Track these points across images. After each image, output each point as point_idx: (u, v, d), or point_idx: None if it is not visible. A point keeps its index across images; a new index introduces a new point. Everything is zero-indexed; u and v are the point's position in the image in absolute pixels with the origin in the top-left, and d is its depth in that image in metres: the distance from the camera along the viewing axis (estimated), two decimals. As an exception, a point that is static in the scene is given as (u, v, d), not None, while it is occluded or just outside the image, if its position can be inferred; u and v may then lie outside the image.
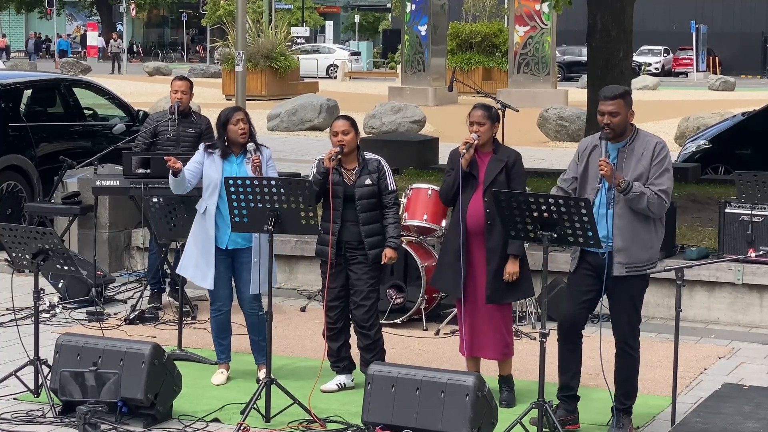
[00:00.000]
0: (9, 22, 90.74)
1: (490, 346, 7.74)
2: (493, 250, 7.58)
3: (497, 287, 7.62)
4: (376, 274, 8.01)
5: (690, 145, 17.25)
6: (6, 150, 12.95)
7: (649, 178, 6.93)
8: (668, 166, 6.99)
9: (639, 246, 6.96)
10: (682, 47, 65.16)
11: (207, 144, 8.23)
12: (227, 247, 8.06)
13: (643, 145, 7.00)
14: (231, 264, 8.13)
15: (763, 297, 9.96)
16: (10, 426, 7.20)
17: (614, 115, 6.94)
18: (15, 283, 8.72)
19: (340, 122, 7.96)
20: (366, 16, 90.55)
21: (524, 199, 6.73)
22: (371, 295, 7.97)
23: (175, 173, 7.95)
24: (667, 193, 6.94)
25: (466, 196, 7.62)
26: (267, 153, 8.18)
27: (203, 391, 7.96)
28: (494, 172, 7.63)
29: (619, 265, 6.94)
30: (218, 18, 68.37)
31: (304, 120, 27.84)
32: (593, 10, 13.99)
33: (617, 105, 6.95)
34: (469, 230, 7.64)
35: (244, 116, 8.11)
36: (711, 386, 7.83)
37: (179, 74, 12.61)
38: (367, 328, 7.97)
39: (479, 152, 7.68)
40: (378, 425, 6.88)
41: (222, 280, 8.12)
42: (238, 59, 15.08)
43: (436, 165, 16.88)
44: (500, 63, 41.39)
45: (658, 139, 7.11)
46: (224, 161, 8.08)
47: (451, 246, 7.72)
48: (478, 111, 7.68)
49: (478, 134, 7.62)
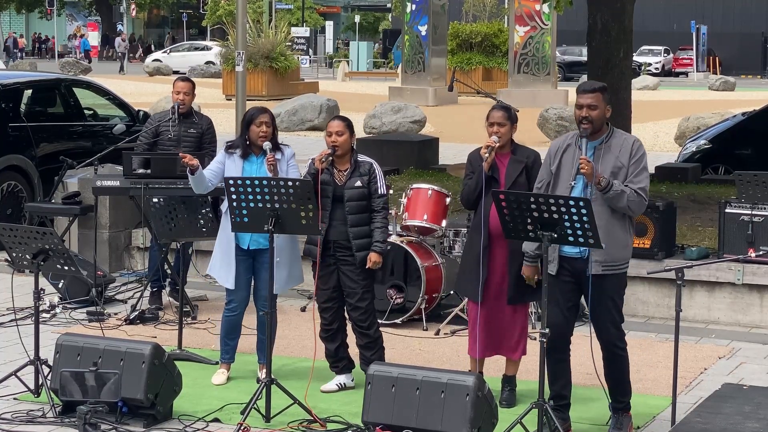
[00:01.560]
0: (9, 22, 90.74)
1: (512, 344, 7.78)
2: (516, 251, 7.51)
3: (519, 289, 7.62)
4: (369, 274, 7.98)
5: (690, 145, 17.25)
6: (6, 150, 12.95)
7: (627, 176, 6.91)
8: (645, 165, 6.98)
9: (615, 244, 6.91)
10: (682, 47, 65.15)
11: (228, 144, 8.25)
12: (249, 247, 8.07)
13: (620, 143, 6.98)
14: (252, 265, 8.14)
15: (763, 297, 9.96)
16: (10, 426, 7.20)
17: (593, 108, 6.91)
18: (15, 283, 8.72)
19: (334, 123, 7.95)
20: (366, 16, 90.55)
21: (524, 199, 6.73)
22: (366, 296, 7.95)
23: (192, 171, 7.94)
24: (645, 191, 6.93)
25: (489, 198, 7.53)
26: (289, 152, 8.20)
27: (203, 391, 7.97)
28: (515, 173, 7.61)
29: (596, 263, 6.89)
30: (218, 18, 68.43)
31: (304, 120, 27.85)
32: (593, 10, 13.99)
33: (596, 98, 6.93)
34: (492, 232, 7.61)
35: (269, 119, 8.10)
36: (711, 386, 7.83)
37: (181, 75, 12.58)
38: (366, 328, 7.98)
39: (499, 154, 7.64)
40: (378, 425, 6.88)
41: (241, 282, 8.12)
42: (239, 59, 15.08)
43: (436, 165, 16.89)
44: (500, 63, 41.39)
45: (635, 137, 7.10)
46: (245, 161, 8.09)
47: (473, 249, 7.71)
48: (498, 112, 7.65)
49: (499, 135, 7.59)
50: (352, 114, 29.21)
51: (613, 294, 7.01)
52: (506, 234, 6.98)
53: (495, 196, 6.87)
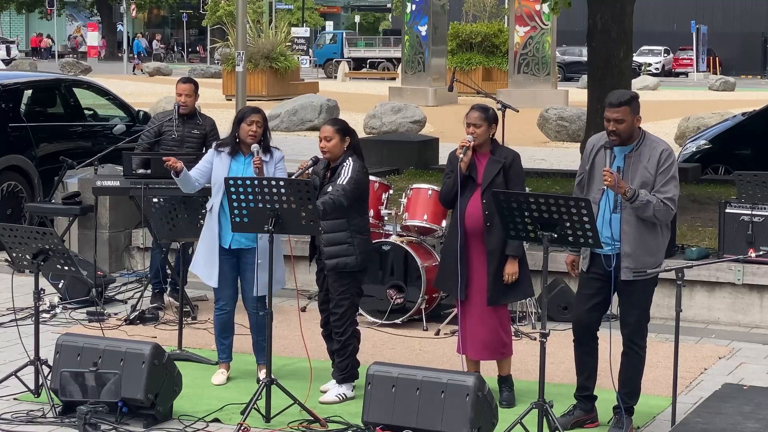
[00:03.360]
0: (9, 23, 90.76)
1: (485, 347, 7.73)
2: (493, 252, 7.57)
3: (498, 289, 7.61)
4: (346, 281, 7.82)
5: (690, 145, 17.25)
6: (6, 150, 12.95)
7: (655, 185, 6.93)
8: (674, 174, 6.99)
9: (645, 251, 7.00)
10: (682, 47, 65.18)
11: (217, 143, 8.24)
12: (231, 246, 8.06)
13: (650, 152, 6.99)
14: (236, 264, 8.13)
15: (763, 297, 9.96)
16: (10, 426, 7.20)
17: (620, 122, 6.94)
18: (15, 283, 8.72)
19: (325, 127, 7.90)
20: (366, 16, 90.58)
21: (524, 199, 6.73)
22: (342, 303, 7.83)
23: (177, 173, 7.94)
24: (673, 201, 6.95)
25: (465, 198, 7.61)
26: (278, 155, 8.17)
27: (203, 391, 7.96)
28: (492, 173, 7.61)
29: (626, 269, 6.98)
30: (218, 18, 68.42)
31: (304, 120, 27.87)
32: (593, 10, 13.98)
33: (623, 112, 6.94)
34: (467, 232, 7.63)
35: (261, 119, 8.08)
36: (711, 386, 7.84)
37: (183, 76, 12.58)
38: (339, 334, 7.87)
39: (477, 153, 7.66)
40: (378, 425, 6.88)
41: (226, 280, 8.12)
42: (239, 59, 15.08)
43: (436, 165, 16.88)
44: (500, 63, 41.39)
45: (665, 145, 7.08)
46: (232, 160, 8.08)
47: (450, 248, 7.72)
48: (475, 113, 7.65)
49: (474, 136, 7.60)
50: (352, 114, 29.34)
51: (642, 296, 7.14)
52: (506, 234, 6.99)
53: (495, 197, 6.87)
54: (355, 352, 7.94)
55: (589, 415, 7.34)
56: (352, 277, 7.84)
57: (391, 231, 10.12)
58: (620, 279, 6.99)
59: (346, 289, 7.83)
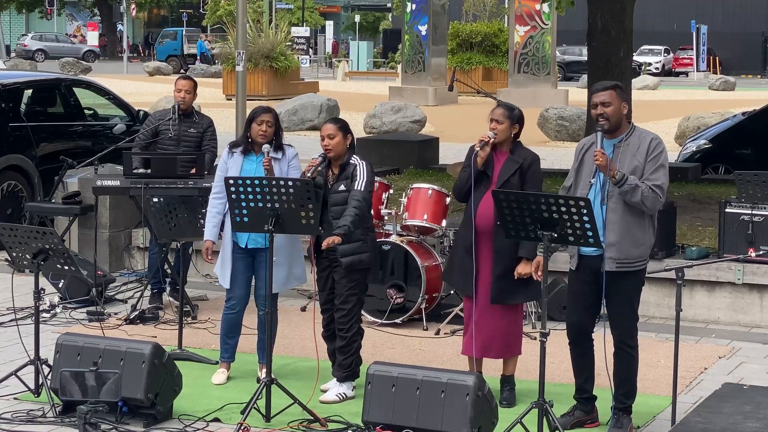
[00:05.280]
0: (9, 22, 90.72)
1: (488, 345, 7.72)
2: (500, 251, 7.54)
3: (502, 288, 7.60)
4: (356, 278, 7.85)
5: (690, 144, 17.25)
6: (6, 150, 12.95)
7: (644, 173, 6.93)
8: (664, 162, 6.98)
9: (630, 242, 6.95)
10: (683, 47, 65.16)
11: (231, 143, 8.29)
12: (247, 245, 8.07)
13: (639, 141, 7.01)
14: (251, 264, 8.13)
15: (763, 297, 9.96)
16: (10, 426, 7.20)
17: (607, 105, 6.96)
18: (15, 283, 8.72)
19: (327, 126, 7.92)
20: (366, 16, 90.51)
21: (524, 199, 6.73)
22: (350, 299, 7.85)
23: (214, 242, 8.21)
24: (662, 189, 6.93)
25: (478, 194, 7.57)
26: (291, 153, 8.18)
27: (203, 391, 7.96)
28: (508, 172, 7.59)
29: (610, 260, 6.92)
30: (218, 18, 68.44)
31: (305, 120, 27.87)
32: (593, 10, 13.99)
33: (609, 95, 6.97)
34: (478, 228, 7.60)
35: (271, 119, 8.09)
36: (711, 386, 7.83)
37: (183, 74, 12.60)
38: (345, 330, 7.88)
39: (497, 151, 7.64)
40: (378, 425, 6.88)
41: (239, 280, 8.12)
42: (239, 59, 15.07)
43: (436, 165, 16.88)
44: (500, 63, 41.39)
45: (654, 135, 7.11)
46: (244, 159, 8.10)
47: (461, 243, 7.71)
48: (499, 109, 7.64)
49: (495, 132, 7.58)
50: (352, 114, 29.35)
51: (628, 292, 7.08)
52: (506, 234, 6.98)
53: (495, 196, 6.87)
54: (359, 349, 7.96)
55: (589, 415, 7.34)
56: (362, 274, 7.89)
57: (391, 230, 10.13)
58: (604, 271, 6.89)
59: (355, 285, 7.87)
